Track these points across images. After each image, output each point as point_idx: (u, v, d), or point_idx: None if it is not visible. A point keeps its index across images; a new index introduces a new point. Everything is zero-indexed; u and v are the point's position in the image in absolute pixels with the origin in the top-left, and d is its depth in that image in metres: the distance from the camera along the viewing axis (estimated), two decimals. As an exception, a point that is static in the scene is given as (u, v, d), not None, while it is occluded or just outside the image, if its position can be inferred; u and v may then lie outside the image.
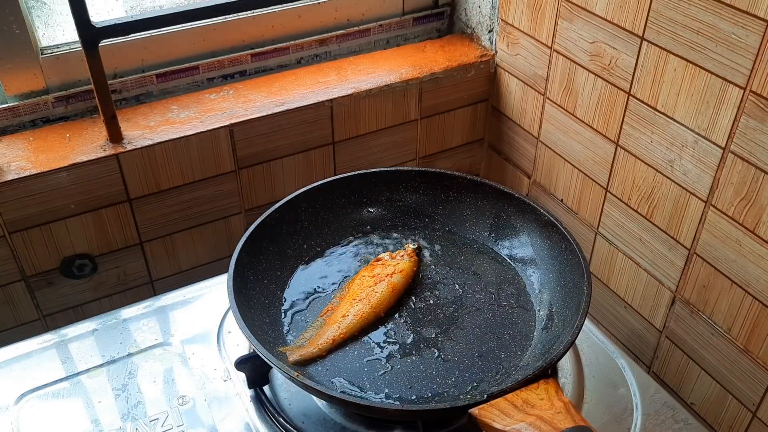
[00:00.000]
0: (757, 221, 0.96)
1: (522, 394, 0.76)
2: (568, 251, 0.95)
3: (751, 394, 1.04)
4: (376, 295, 0.95)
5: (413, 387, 0.86)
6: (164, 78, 1.25)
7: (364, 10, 1.39)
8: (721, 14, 0.91)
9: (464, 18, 1.45)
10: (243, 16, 1.28)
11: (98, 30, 1.06)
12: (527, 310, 0.96)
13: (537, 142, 1.35)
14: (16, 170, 1.08)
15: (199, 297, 1.06)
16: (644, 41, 1.04)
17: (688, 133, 1.02)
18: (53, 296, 1.20)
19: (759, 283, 0.98)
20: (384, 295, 0.95)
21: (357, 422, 0.87)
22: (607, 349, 0.99)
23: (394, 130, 1.37)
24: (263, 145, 1.24)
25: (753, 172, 0.94)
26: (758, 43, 0.88)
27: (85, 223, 1.15)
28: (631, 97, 1.09)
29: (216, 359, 0.96)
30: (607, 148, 1.18)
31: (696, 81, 0.98)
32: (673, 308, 1.14)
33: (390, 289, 0.96)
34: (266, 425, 0.87)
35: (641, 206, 1.14)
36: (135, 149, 1.14)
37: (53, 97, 1.18)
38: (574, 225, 1.30)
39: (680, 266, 1.10)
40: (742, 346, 1.03)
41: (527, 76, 1.32)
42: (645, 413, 0.91)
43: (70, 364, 0.95)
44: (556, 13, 1.19)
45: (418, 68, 1.34)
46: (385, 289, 0.96)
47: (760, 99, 0.90)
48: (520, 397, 0.76)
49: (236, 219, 1.29)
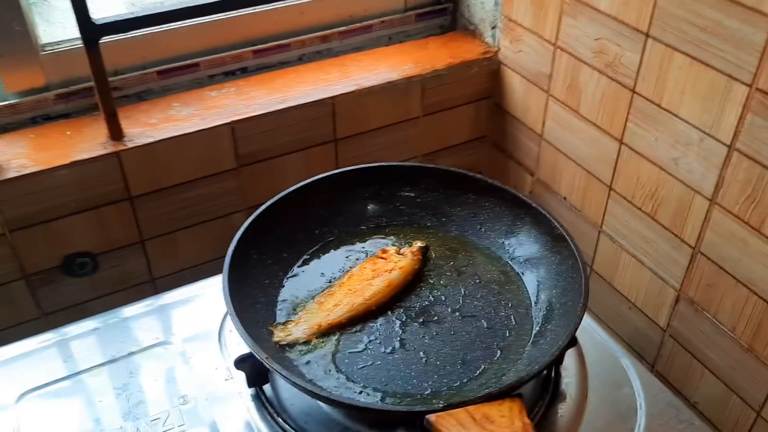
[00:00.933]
0: (763, 220, 0.95)
1: (484, 409, 0.75)
2: (573, 270, 0.92)
3: (756, 394, 1.04)
4: (371, 289, 0.95)
5: (388, 384, 0.85)
6: (165, 75, 1.25)
7: (366, 7, 1.38)
8: (727, 11, 0.90)
9: (467, 14, 1.44)
10: (244, 13, 1.28)
11: (99, 27, 1.06)
12: (523, 325, 0.94)
13: (540, 139, 1.34)
14: (16, 168, 1.08)
15: (200, 295, 1.05)
16: (649, 38, 1.03)
17: (693, 131, 1.01)
18: (54, 295, 1.20)
19: (764, 282, 0.98)
20: (379, 290, 0.95)
21: (359, 422, 0.87)
22: (610, 348, 0.99)
23: (396, 128, 1.36)
24: (265, 143, 1.24)
25: (759, 170, 0.93)
26: (764, 41, 0.87)
27: (86, 221, 1.15)
28: (636, 94, 1.09)
29: (217, 358, 0.95)
30: (611, 146, 1.17)
31: (701, 78, 0.97)
32: (678, 307, 1.13)
33: (386, 284, 0.96)
34: (267, 425, 0.87)
35: (645, 205, 1.14)
36: (136, 147, 1.13)
37: (54, 94, 1.18)
38: (577, 223, 1.30)
39: (685, 265, 1.10)
40: (747, 346, 1.03)
41: (531, 74, 1.31)
42: (649, 413, 0.90)
43: (70, 363, 0.94)
44: (560, 9, 1.18)
45: (420, 65, 1.34)
46: (381, 283, 0.96)
47: (766, 97, 0.89)
48: (481, 411, 0.75)
49: (238, 217, 1.29)
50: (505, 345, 0.91)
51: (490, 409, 0.76)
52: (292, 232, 1.03)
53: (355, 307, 0.94)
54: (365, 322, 0.93)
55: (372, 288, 0.95)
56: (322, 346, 0.90)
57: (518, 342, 0.92)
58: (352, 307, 0.94)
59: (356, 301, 0.94)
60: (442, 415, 0.75)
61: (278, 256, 1.01)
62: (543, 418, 0.88)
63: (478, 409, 0.75)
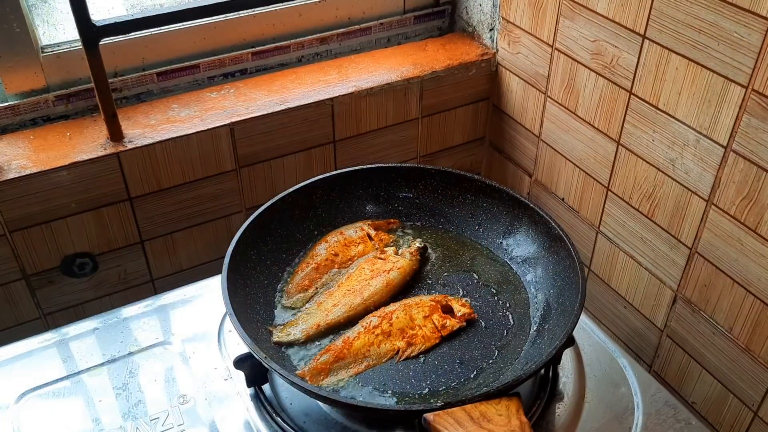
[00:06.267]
0: (759, 220, 0.95)
1: (481, 407, 0.76)
2: (570, 270, 0.93)
3: (753, 394, 1.04)
4: (369, 289, 0.96)
5: (386, 384, 0.86)
6: (165, 76, 1.25)
7: (365, 9, 1.39)
8: (723, 13, 0.91)
9: (465, 16, 1.44)
10: (244, 15, 1.28)
11: (99, 28, 1.06)
12: (522, 325, 0.94)
13: (538, 140, 1.34)
14: (16, 169, 1.08)
15: (199, 296, 1.05)
16: (646, 40, 1.03)
17: (690, 132, 1.02)
18: (54, 295, 1.20)
19: (760, 282, 0.98)
20: (377, 290, 0.96)
21: (358, 422, 0.87)
22: (608, 348, 0.99)
23: (395, 129, 1.36)
24: (264, 144, 1.24)
25: (755, 171, 0.94)
26: (760, 42, 0.88)
27: (85, 221, 1.15)
28: (633, 95, 1.09)
29: (217, 358, 0.96)
30: (608, 147, 1.17)
31: (698, 79, 0.98)
32: (675, 307, 1.14)
33: (384, 284, 0.96)
34: (266, 424, 0.87)
35: (642, 205, 1.14)
36: (136, 148, 1.13)
37: (54, 95, 1.18)
38: (575, 224, 1.30)
39: (681, 265, 1.10)
40: (744, 345, 1.03)
41: (528, 75, 1.31)
42: (646, 412, 0.90)
43: (70, 362, 0.95)
44: (558, 11, 1.19)
45: (419, 67, 1.34)
46: (380, 284, 0.96)
47: (762, 98, 0.90)
48: (479, 409, 0.76)
49: (237, 218, 1.29)
50: (503, 344, 0.92)
51: (487, 408, 0.76)
52: (291, 233, 1.03)
53: (354, 308, 0.94)
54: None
55: (371, 288, 0.96)
56: (322, 345, 0.90)
57: (516, 341, 0.92)
58: (351, 307, 0.94)
59: (355, 301, 0.95)
60: (440, 414, 0.75)
61: (277, 257, 1.01)
62: (540, 418, 0.89)
63: (475, 408, 0.76)
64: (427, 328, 0.91)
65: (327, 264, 1.00)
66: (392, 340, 0.89)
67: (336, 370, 0.86)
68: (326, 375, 0.86)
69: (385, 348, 0.88)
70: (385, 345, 0.89)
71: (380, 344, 0.88)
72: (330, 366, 0.86)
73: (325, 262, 1.00)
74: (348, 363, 0.87)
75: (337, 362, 0.87)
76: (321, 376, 0.86)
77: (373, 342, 0.88)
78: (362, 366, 0.87)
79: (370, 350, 0.88)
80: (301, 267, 1.00)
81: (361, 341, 0.88)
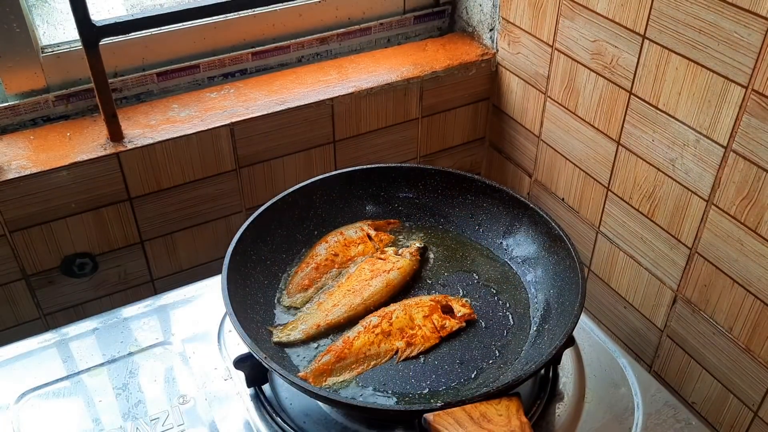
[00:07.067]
0: (759, 220, 0.95)
1: (481, 407, 0.76)
2: (570, 270, 0.93)
3: (753, 394, 1.04)
4: (369, 289, 0.96)
5: (387, 384, 0.86)
6: (165, 76, 1.25)
7: (364, 9, 1.39)
8: (723, 13, 0.91)
9: (465, 16, 1.44)
10: (243, 15, 1.28)
11: (99, 28, 1.06)
12: (522, 325, 0.94)
13: (538, 140, 1.34)
14: (16, 169, 1.08)
15: (199, 296, 1.05)
16: (646, 40, 1.04)
17: (690, 132, 1.02)
18: (54, 295, 1.20)
19: (760, 283, 0.98)
20: (377, 290, 0.96)
21: (358, 422, 0.87)
22: (608, 349, 0.99)
23: (395, 129, 1.36)
24: (264, 144, 1.24)
25: (755, 171, 0.94)
26: (760, 42, 0.88)
27: (85, 221, 1.15)
28: (633, 95, 1.09)
29: (216, 358, 0.96)
30: (608, 147, 1.17)
31: (697, 80, 0.98)
32: (675, 307, 1.14)
33: (384, 284, 0.96)
34: (266, 424, 0.87)
35: (642, 205, 1.14)
36: (135, 148, 1.13)
37: (54, 95, 1.18)
38: (575, 224, 1.30)
39: (682, 265, 1.10)
40: (744, 346, 1.03)
41: (528, 75, 1.31)
42: (646, 413, 0.90)
43: (70, 363, 0.95)
44: (558, 11, 1.19)
45: (419, 67, 1.34)
46: (380, 284, 0.96)
47: (762, 98, 0.90)
48: (479, 409, 0.76)
49: (237, 218, 1.29)
50: (503, 345, 0.92)
51: (487, 408, 0.76)
52: (291, 233, 1.03)
53: (354, 308, 0.94)
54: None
55: (370, 288, 0.96)
56: (322, 346, 0.90)
57: (516, 342, 0.92)
58: (351, 307, 0.94)
59: (355, 301, 0.95)
60: (440, 414, 0.75)
61: (277, 257, 1.01)
62: (540, 418, 0.89)
63: (475, 408, 0.76)
64: (427, 328, 0.91)
65: (327, 264, 1.00)
66: (392, 340, 0.89)
67: (338, 370, 0.86)
68: (329, 376, 0.86)
69: (385, 347, 0.88)
70: (384, 345, 0.89)
71: (380, 344, 0.88)
72: (332, 367, 0.86)
73: (325, 263, 1.00)
74: (349, 363, 0.87)
75: (338, 362, 0.87)
76: (323, 377, 0.85)
77: (373, 341, 0.88)
78: (364, 366, 0.87)
79: (370, 350, 0.88)
80: (301, 267, 1.00)
81: (361, 341, 0.88)
